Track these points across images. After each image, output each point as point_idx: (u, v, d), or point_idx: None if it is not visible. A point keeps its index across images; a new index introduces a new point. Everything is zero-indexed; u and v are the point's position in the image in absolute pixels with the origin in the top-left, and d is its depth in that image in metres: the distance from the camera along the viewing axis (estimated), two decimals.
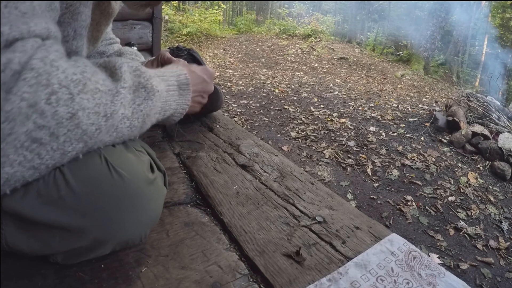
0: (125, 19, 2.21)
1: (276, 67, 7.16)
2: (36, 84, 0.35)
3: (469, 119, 3.77)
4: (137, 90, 0.48)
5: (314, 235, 0.64)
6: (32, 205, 0.43)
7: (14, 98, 0.34)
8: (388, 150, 3.42)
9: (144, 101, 0.49)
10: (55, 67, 0.37)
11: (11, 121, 0.34)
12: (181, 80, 0.62)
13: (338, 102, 4.82)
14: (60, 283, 0.49)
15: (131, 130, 0.49)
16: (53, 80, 0.37)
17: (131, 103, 0.47)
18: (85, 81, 0.40)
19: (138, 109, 0.48)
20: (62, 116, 0.37)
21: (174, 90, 0.60)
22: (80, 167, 0.45)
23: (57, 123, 0.37)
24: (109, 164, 0.47)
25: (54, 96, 0.37)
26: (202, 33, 9.90)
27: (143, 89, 0.49)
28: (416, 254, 0.60)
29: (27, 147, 0.36)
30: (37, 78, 0.35)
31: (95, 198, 0.46)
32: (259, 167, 0.88)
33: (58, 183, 0.44)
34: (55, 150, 0.39)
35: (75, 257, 0.50)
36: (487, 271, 2.09)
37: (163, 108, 0.57)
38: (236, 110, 4.29)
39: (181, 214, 0.67)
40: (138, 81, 0.49)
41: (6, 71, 0.34)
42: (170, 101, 0.59)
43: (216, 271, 0.54)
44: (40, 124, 0.36)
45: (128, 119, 0.47)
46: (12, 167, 0.36)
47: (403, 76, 7.64)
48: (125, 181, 0.48)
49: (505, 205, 2.79)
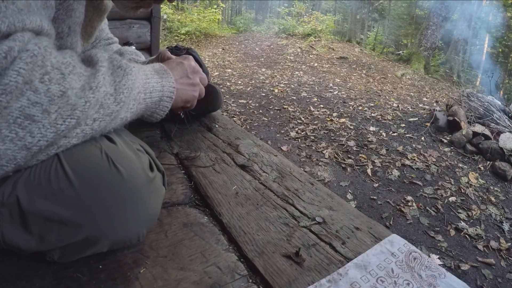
0: (123, 18, 2.21)
1: (275, 67, 7.15)
2: (31, 63, 0.38)
3: (470, 119, 3.77)
4: (114, 72, 0.51)
5: (314, 236, 0.63)
6: (31, 196, 0.44)
7: (11, 73, 0.37)
8: (388, 150, 3.41)
9: (124, 77, 0.51)
10: (48, 52, 0.41)
11: (8, 94, 0.37)
12: (155, 67, 0.64)
13: (338, 101, 4.82)
14: (58, 284, 0.49)
15: (118, 105, 0.50)
16: (47, 62, 0.40)
17: (112, 83, 0.49)
18: (74, 64, 0.44)
19: (120, 84, 0.50)
20: (54, 94, 0.40)
21: (150, 72, 0.61)
22: (80, 161, 0.46)
23: (49, 100, 0.40)
24: (109, 159, 0.47)
25: (47, 76, 0.40)
26: (201, 32, 9.90)
27: (119, 69, 0.52)
28: (416, 255, 0.60)
29: (19, 124, 0.38)
30: (32, 58, 0.39)
31: (93, 193, 0.46)
32: (258, 167, 0.87)
33: (58, 176, 0.44)
34: (47, 128, 0.40)
35: (71, 254, 0.50)
36: (488, 272, 2.09)
37: (146, 88, 0.57)
38: (235, 110, 4.28)
39: (179, 215, 0.67)
40: (113, 64, 0.52)
41: (7, 57, 0.37)
42: (151, 82, 0.59)
43: (215, 272, 0.53)
44: (34, 100, 0.38)
45: (112, 95, 0.48)
46: (4, 143, 0.38)
47: (403, 75, 7.64)
48: (124, 178, 0.48)
49: (506, 206, 2.79)
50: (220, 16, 11.92)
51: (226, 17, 15.91)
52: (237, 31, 12.14)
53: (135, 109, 0.55)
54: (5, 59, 0.36)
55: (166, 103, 0.63)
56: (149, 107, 0.60)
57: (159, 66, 0.64)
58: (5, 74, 0.37)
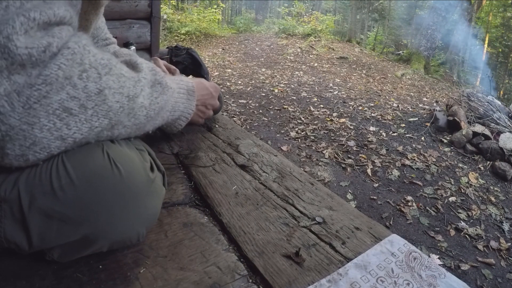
0: (123, 18, 2.21)
1: (275, 67, 7.15)
2: (71, 60, 0.41)
3: (470, 119, 3.77)
4: (154, 86, 0.54)
5: (314, 236, 0.63)
6: (32, 193, 0.44)
7: (53, 66, 0.39)
8: (388, 150, 3.41)
9: (160, 95, 0.55)
10: (87, 50, 0.43)
11: (48, 84, 0.39)
12: (189, 86, 0.69)
13: (338, 101, 4.82)
14: (58, 284, 0.49)
15: (147, 119, 0.53)
16: (85, 60, 0.42)
17: (149, 96, 0.53)
18: (111, 66, 0.46)
19: (155, 101, 0.54)
20: (91, 91, 0.42)
21: (183, 93, 0.66)
22: (81, 159, 0.46)
23: (86, 96, 0.42)
24: (110, 158, 0.48)
25: (85, 74, 0.42)
26: (201, 32, 9.89)
27: (159, 85, 0.55)
28: (416, 255, 0.60)
29: (58, 115, 0.40)
30: (72, 55, 0.41)
31: (94, 191, 0.46)
32: (258, 167, 0.87)
33: (59, 174, 0.44)
34: (83, 123, 0.43)
35: (71, 253, 0.50)
36: (488, 272, 2.09)
37: (173, 107, 0.63)
38: (235, 110, 4.28)
39: (179, 215, 0.67)
40: (155, 78, 0.55)
41: (46, 52, 0.39)
42: (179, 102, 0.65)
43: (215, 272, 0.53)
44: (72, 95, 0.41)
45: (145, 108, 0.52)
46: (42, 131, 0.40)
47: (403, 75, 7.63)
48: (124, 177, 0.48)
49: (506, 206, 2.79)
50: (220, 16, 11.92)
51: (226, 17, 15.91)
52: (237, 31, 12.13)
53: (159, 123, 0.59)
54: (43, 53, 0.38)
55: (182, 122, 0.69)
56: (166, 122, 0.65)
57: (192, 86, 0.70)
58: (46, 67, 0.39)
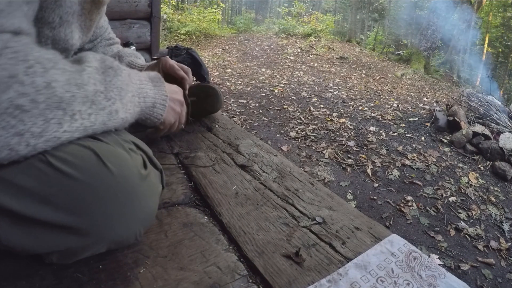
0: (123, 18, 2.20)
1: (275, 67, 7.15)
2: (14, 58, 0.40)
3: (470, 119, 3.77)
4: (105, 71, 0.52)
5: (314, 236, 0.63)
6: (23, 202, 0.43)
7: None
8: (388, 150, 3.41)
9: (114, 77, 0.53)
10: (30, 48, 0.42)
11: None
12: (151, 75, 0.66)
13: (338, 101, 4.82)
14: (58, 284, 0.49)
15: (111, 101, 0.51)
16: (30, 56, 0.42)
17: (102, 81, 0.51)
18: (56, 60, 0.45)
19: (111, 83, 0.52)
20: (39, 85, 0.42)
21: (146, 80, 0.64)
22: (70, 162, 0.45)
23: (36, 90, 0.41)
24: (99, 158, 0.47)
25: (31, 69, 0.41)
26: (201, 32, 9.89)
27: (110, 69, 0.53)
28: (416, 255, 0.60)
29: (10, 113, 0.39)
30: (15, 54, 0.40)
31: (85, 193, 0.45)
32: (258, 167, 0.87)
33: (49, 178, 0.44)
34: (37, 117, 0.42)
35: (70, 256, 0.50)
36: (488, 272, 2.09)
37: (140, 92, 0.60)
38: (235, 110, 4.28)
39: (179, 215, 0.67)
40: (104, 64, 0.53)
41: None
42: (145, 88, 0.62)
43: (215, 272, 0.53)
44: (21, 91, 0.40)
45: (102, 93, 0.50)
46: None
47: (403, 75, 7.63)
48: (115, 175, 0.47)
49: (506, 206, 2.79)
50: (220, 16, 11.92)
51: (226, 17, 15.91)
52: (237, 31, 12.13)
53: (132, 110, 0.57)
54: None
55: (160, 110, 0.66)
56: (143, 112, 0.63)
57: (155, 74, 0.67)
58: None
